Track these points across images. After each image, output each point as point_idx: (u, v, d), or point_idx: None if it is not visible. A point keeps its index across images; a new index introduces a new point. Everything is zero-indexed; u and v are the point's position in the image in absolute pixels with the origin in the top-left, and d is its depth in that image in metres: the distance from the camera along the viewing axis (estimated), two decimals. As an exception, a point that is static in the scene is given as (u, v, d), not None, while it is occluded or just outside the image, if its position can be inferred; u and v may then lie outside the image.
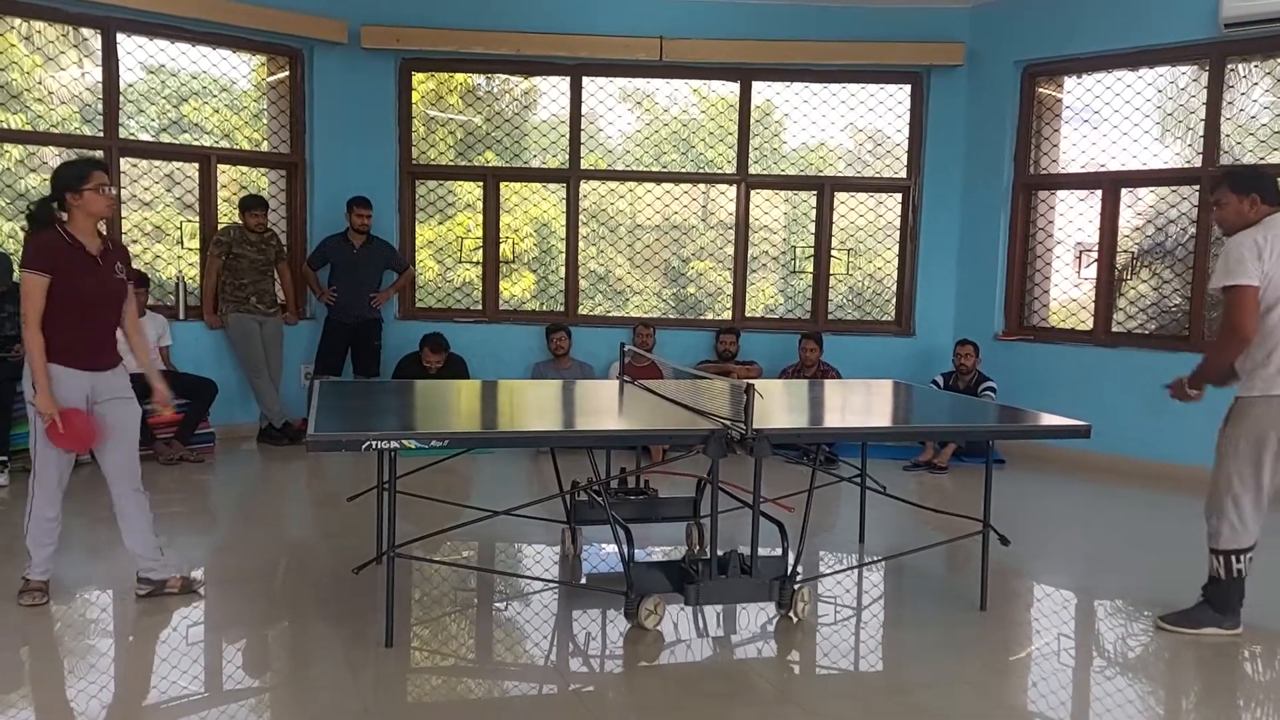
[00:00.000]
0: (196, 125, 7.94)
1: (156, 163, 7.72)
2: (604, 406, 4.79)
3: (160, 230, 7.77)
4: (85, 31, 7.18)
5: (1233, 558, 3.91)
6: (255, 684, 3.52)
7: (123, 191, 7.36)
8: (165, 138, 7.75)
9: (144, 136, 7.60)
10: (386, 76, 8.21)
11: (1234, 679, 3.80)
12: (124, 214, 7.43)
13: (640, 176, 8.60)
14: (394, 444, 3.47)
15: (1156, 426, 6.89)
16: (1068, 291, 8.06)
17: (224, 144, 7.98)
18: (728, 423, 3.79)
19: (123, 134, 7.31)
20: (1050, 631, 4.25)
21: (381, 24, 7.93)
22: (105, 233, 4.03)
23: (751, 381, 3.81)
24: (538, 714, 3.33)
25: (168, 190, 7.84)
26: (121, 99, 7.31)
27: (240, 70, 7.99)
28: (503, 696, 3.52)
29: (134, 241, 7.63)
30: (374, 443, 3.43)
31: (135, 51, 7.43)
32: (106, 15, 7.08)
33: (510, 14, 8.03)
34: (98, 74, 7.20)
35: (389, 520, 3.68)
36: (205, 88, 7.96)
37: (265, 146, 8.16)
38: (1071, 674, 3.80)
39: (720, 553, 3.87)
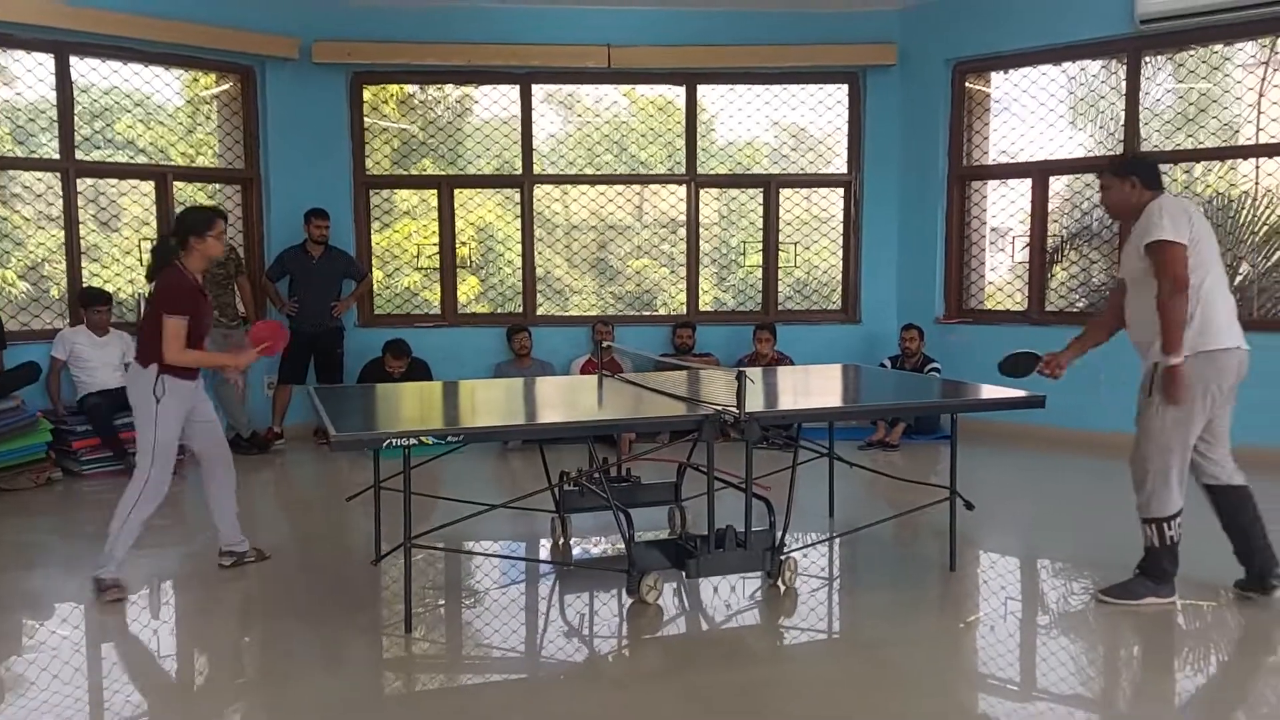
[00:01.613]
0: (131, 143, 7.95)
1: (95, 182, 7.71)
2: (592, 399, 5.03)
3: (97, 248, 7.76)
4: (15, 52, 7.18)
5: (1164, 525, 4.08)
6: (285, 671, 3.69)
7: (78, 210, 7.40)
8: (121, 157, 7.79)
9: (95, 155, 7.63)
10: (338, 90, 8.34)
11: (1174, 638, 4.17)
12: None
13: (591, 179, 8.85)
14: (412, 441, 3.67)
15: (1093, 398, 7.33)
16: (1003, 275, 8.54)
17: (180, 162, 8.02)
18: (719, 408, 4.06)
19: (78, 155, 7.36)
20: (1013, 587, 4.61)
21: (333, 39, 8.07)
22: None
23: (744, 370, 4.09)
24: (557, 685, 3.57)
25: (84, 207, 7.84)
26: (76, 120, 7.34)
27: (174, 88, 8.02)
28: (523, 671, 3.75)
29: (94, 260, 7.65)
30: (394, 440, 3.62)
31: (88, 73, 7.45)
32: (59, 40, 7.11)
33: (459, 26, 8.22)
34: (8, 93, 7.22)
35: (405, 513, 3.88)
36: (160, 106, 7.99)
37: (210, 162, 8.19)
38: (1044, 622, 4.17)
39: (718, 528, 4.15)
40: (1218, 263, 4.12)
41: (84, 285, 7.30)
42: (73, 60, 7.26)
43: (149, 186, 7.81)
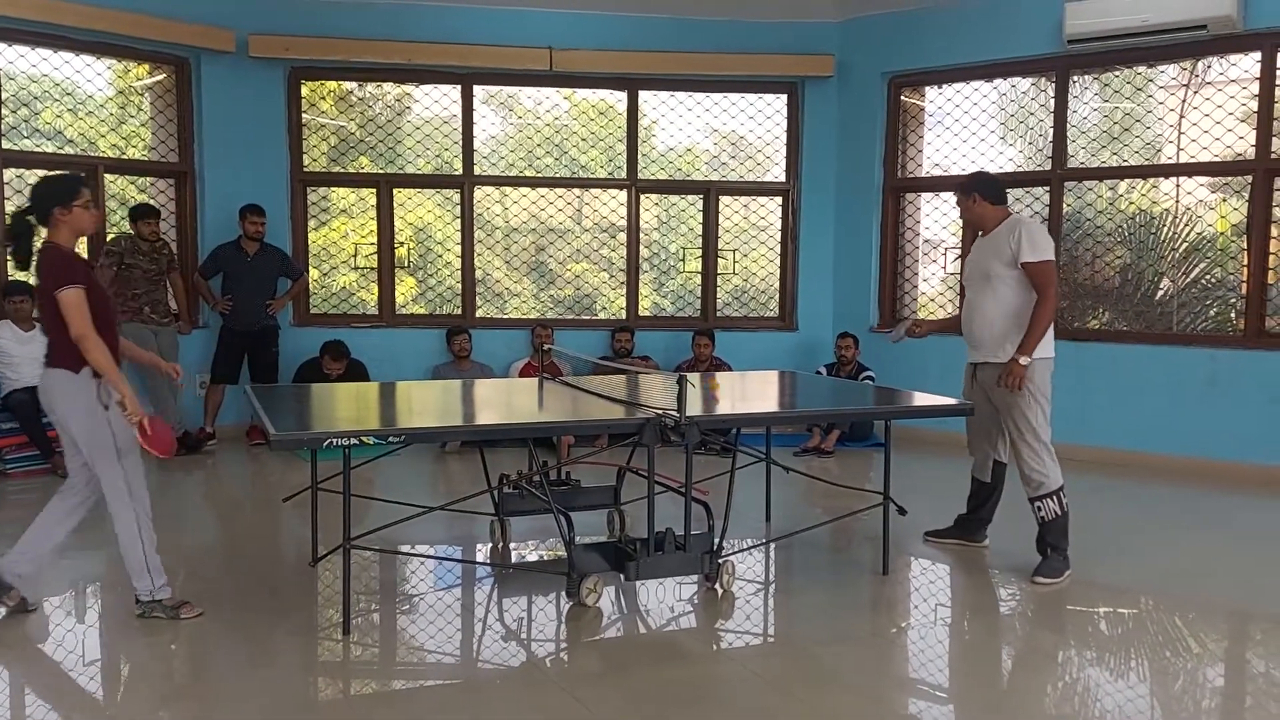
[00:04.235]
0: (60, 133, 7.77)
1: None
2: (532, 402, 5.05)
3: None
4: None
5: (1057, 496, 4.65)
6: (227, 674, 3.65)
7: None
8: (49, 147, 7.60)
9: (22, 145, 7.43)
10: (275, 85, 8.23)
11: (1094, 632, 4.34)
12: None
13: (532, 182, 8.86)
14: (352, 441, 3.65)
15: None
16: (935, 285, 8.73)
17: (109, 154, 7.83)
18: (660, 412, 4.11)
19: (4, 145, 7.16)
20: (944, 592, 4.73)
21: (270, 33, 7.96)
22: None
23: (685, 374, 4.14)
24: (496, 689, 3.58)
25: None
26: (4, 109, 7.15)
27: (105, 78, 7.85)
28: (462, 675, 3.75)
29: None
30: (335, 440, 3.61)
31: (17, 60, 7.26)
32: (-13, 24, 6.93)
33: (400, 23, 8.17)
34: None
35: (345, 514, 3.85)
36: (90, 96, 7.81)
37: (141, 154, 8.03)
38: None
39: (657, 531, 4.19)
40: None
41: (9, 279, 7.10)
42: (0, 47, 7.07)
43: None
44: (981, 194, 4.80)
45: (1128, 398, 7.39)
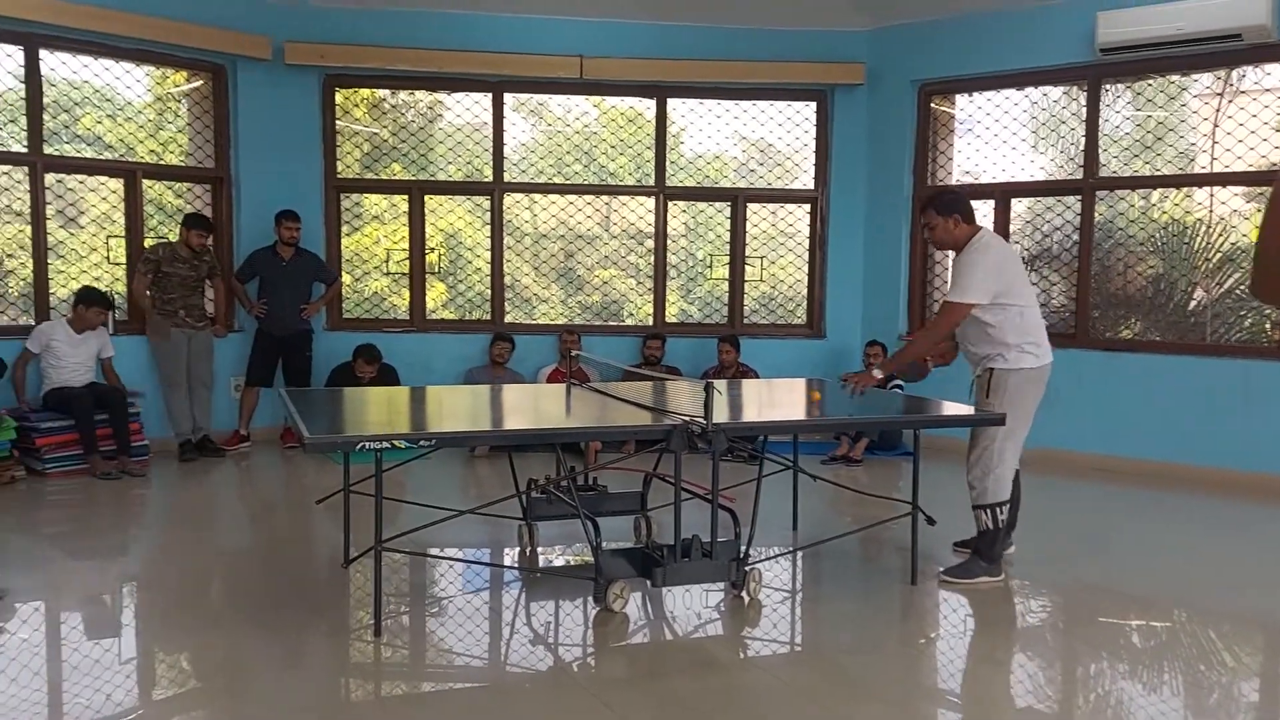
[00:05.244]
0: (99, 139, 7.90)
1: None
2: (559, 407, 5.08)
3: (62, 244, 7.68)
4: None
5: (998, 509, 4.68)
6: (260, 673, 3.70)
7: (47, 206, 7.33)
8: (89, 152, 7.74)
9: (61, 150, 7.56)
10: (310, 92, 8.33)
11: (1128, 652, 4.31)
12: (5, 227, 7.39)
13: (561, 189, 8.91)
14: (385, 444, 3.69)
15: (1043, 416, 7.48)
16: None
17: (146, 159, 7.95)
18: (687, 419, 4.13)
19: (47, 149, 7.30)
20: (974, 602, 4.72)
21: (305, 41, 8.06)
22: None
23: (711, 381, 4.16)
24: (525, 693, 3.61)
25: (50, 203, 7.79)
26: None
27: (144, 84, 7.97)
28: (490, 678, 3.79)
29: (59, 257, 7.58)
30: (367, 443, 3.65)
31: (59, 67, 7.40)
32: (29, 31, 7.05)
33: (433, 32, 8.25)
34: None
35: (377, 516, 3.90)
36: (129, 103, 7.94)
37: (177, 160, 8.14)
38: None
39: (684, 538, 4.21)
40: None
41: (85, 286, 7.26)
42: (42, 54, 7.20)
43: (117, 183, 7.75)
44: (962, 215, 4.73)
45: (1160, 409, 7.32)
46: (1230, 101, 7.43)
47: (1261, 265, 1.72)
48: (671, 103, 8.77)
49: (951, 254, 4.86)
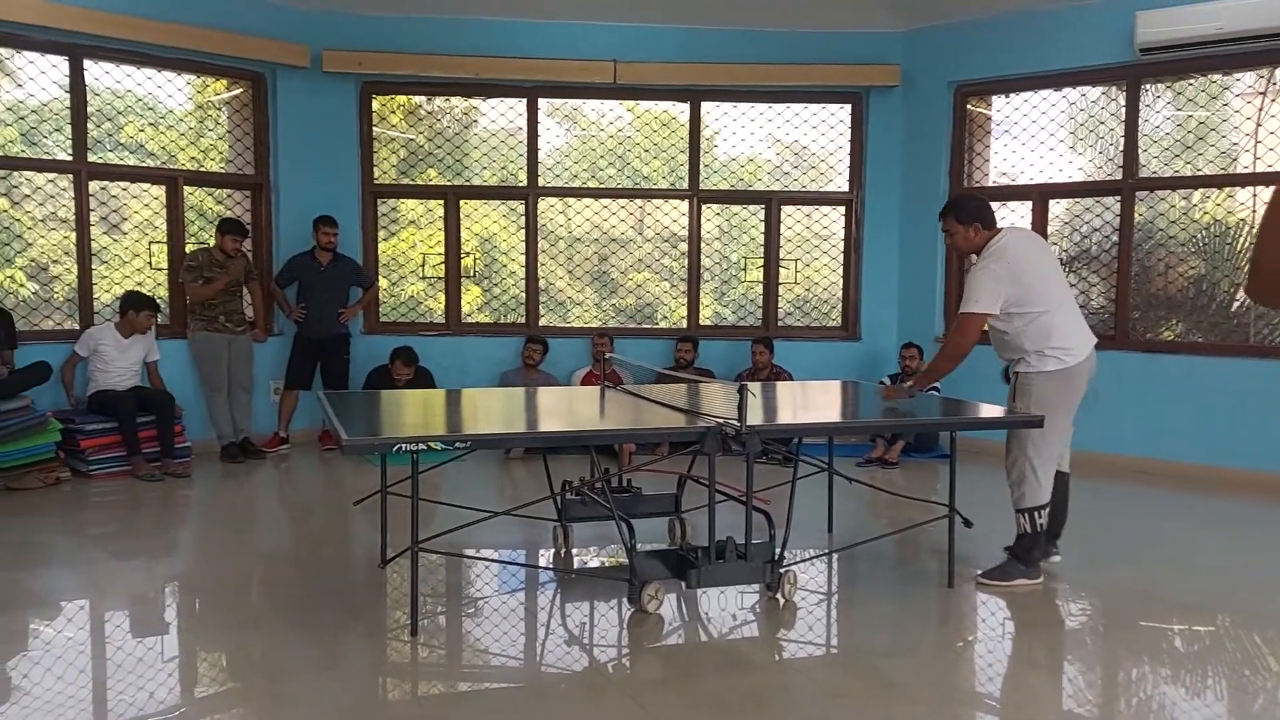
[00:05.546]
0: (142, 146, 8.03)
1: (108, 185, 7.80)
2: (593, 410, 5.10)
3: (106, 250, 7.80)
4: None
5: (1035, 513, 4.64)
6: (299, 673, 3.75)
7: (92, 214, 7.46)
8: (131, 160, 7.87)
9: (104, 158, 7.70)
10: (348, 99, 8.43)
11: (1178, 657, 4.25)
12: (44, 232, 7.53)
13: (595, 193, 8.94)
14: (421, 446, 3.73)
15: (1084, 417, 7.40)
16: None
17: (187, 166, 8.08)
18: (720, 421, 4.13)
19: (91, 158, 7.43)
20: (1011, 605, 4.68)
21: (342, 48, 8.16)
22: None
23: (746, 383, 4.16)
24: (561, 693, 3.62)
25: (94, 210, 7.93)
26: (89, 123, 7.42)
27: (185, 93, 8.10)
28: (526, 678, 3.81)
29: (103, 263, 7.72)
30: (404, 445, 3.69)
31: (102, 76, 7.53)
32: (73, 42, 7.19)
33: (468, 38, 8.32)
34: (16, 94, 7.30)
35: (413, 517, 3.93)
36: (170, 111, 8.07)
37: (218, 167, 8.25)
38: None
39: (718, 540, 4.21)
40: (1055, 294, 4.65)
41: (130, 290, 7.39)
42: (86, 64, 7.33)
43: (159, 190, 7.88)
44: (982, 223, 4.69)
45: (1202, 410, 7.22)
46: (1273, 101, 7.32)
47: (1258, 267, 1.74)
48: (705, 106, 8.78)
49: (974, 257, 4.84)
